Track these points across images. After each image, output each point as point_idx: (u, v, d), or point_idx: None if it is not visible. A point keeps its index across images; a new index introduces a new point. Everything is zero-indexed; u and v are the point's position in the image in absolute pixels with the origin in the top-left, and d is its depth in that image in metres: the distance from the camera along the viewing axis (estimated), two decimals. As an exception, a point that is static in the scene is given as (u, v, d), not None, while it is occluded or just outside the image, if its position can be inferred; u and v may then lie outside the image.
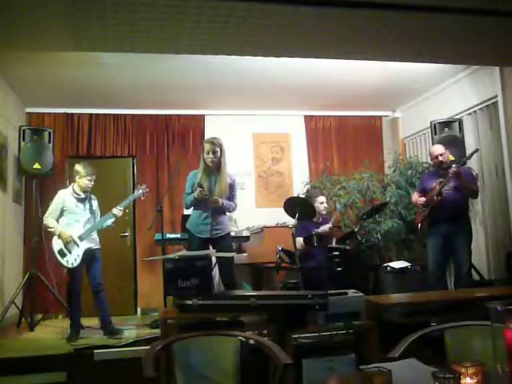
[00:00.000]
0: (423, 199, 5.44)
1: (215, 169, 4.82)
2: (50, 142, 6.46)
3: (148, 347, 2.61)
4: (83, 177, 5.17)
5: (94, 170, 5.27)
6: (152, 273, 7.00)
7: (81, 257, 5.07)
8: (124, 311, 6.66)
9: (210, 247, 4.89)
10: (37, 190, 6.42)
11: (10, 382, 3.91)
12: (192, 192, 4.85)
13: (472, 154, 5.39)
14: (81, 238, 5.10)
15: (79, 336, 4.99)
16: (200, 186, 4.76)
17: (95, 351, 4.12)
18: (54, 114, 7.29)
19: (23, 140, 6.28)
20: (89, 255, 5.14)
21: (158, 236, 5.93)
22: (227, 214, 5.07)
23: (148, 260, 6.41)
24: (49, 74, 6.00)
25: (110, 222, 5.31)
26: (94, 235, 5.26)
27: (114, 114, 7.50)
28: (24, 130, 6.34)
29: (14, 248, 6.59)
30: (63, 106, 7.20)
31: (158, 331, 4.17)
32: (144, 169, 7.54)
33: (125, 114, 7.53)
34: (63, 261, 5.04)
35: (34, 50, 5.08)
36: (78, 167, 5.23)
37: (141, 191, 5.49)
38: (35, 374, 3.99)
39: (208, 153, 4.78)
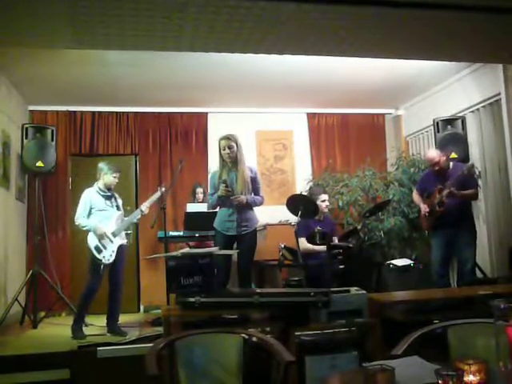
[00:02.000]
0: (427, 208, 5.42)
1: (233, 164, 4.80)
2: (52, 140, 6.47)
3: (151, 345, 2.62)
4: (108, 174, 5.19)
5: (119, 168, 5.30)
6: (155, 270, 7.02)
7: (115, 253, 5.11)
8: (127, 309, 6.66)
9: (235, 244, 4.89)
10: (40, 188, 6.43)
11: (13, 379, 3.91)
12: (215, 192, 4.84)
13: (468, 170, 5.35)
14: (114, 235, 5.13)
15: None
16: (224, 182, 4.74)
17: (98, 349, 4.13)
18: (57, 111, 7.31)
19: (26, 138, 6.30)
20: (120, 252, 5.17)
21: (160, 234, 5.94)
22: (254, 208, 5.00)
23: (151, 258, 6.42)
24: (51, 71, 6.01)
25: (136, 218, 5.38)
26: (123, 232, 5.31)
27: (116, 112, 7.50)
28: (27, 128, 6.35)
29: (17, 246, 6.60)
30: (66, 103, 7.21)
31: (160, 329, 4.17)
32: (147, 167, 7.55)
33: (127, 112, 7.54)
34: (100, 256, 5.05)
35: (36, 47, 5.09)
36: (102, 165, 5.25)
37: (163, 189, 5.59)
38: (38, 371, 4.00)
39: (224, 149, 4.77)
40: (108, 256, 5.07)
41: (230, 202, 4.79)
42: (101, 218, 5.14)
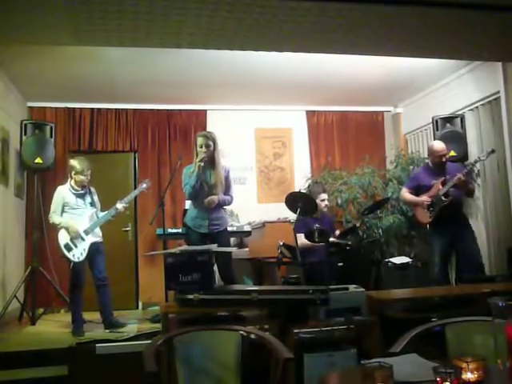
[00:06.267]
0: (428, 199, 5.39)
1: (209, 163, 4.78)
2: (51, 137, 6.47)
3: (149, 342, 2.62)
4: (79, 173, 5.18)
5: (90, 165, 5.27)
6: (153, 267, 7.01)
7: (87, 251, 5.10)
8: (125, 305, 6.67)
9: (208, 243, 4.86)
10: (38, 185, 6.43)
11: (11, 375, 3.92)
12: (189, 182, 4.79)
13: (488, 155, 5.34)
14: (86, 233, 5.13)
15: (83, 330, 5.02)
16: (201, 147, 4.71)
17: (97, 345, 4.12)
18: (56, 108, 7.30)
19: (25, 134, 6.29)
20: (93, 249, 5.17)
21: (159, 231, 5.94)
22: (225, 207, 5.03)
23: (149, 255, 6.41)
24: (50, 68, 6.00)
25: (110, 216, 5.34)
26: (97, 229, 5.29)
27: (115, 109, 7.49)
28: (26, 125, 6.35)
29: (16, 242, 6.60)
30: (65, 100, 7.20)
31: (159, 326, 4.17)
32: (145, 164, 7.54)
33: (126, 109, 7.53)
34: (69, 255, 5.06)
35: (35, 44, 5.07)
36: (73, 163, 5.23)
37: (144, 185, 5.52)
38: (36, 367, 4.00)
39: (201, 147, 4.74)
40: (78, 254, 5.08)
41: (203, 199, 4.77)
42: (73, 216, 5.16)
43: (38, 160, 6.23)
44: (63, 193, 5.20)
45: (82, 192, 5.25)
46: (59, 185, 5.37)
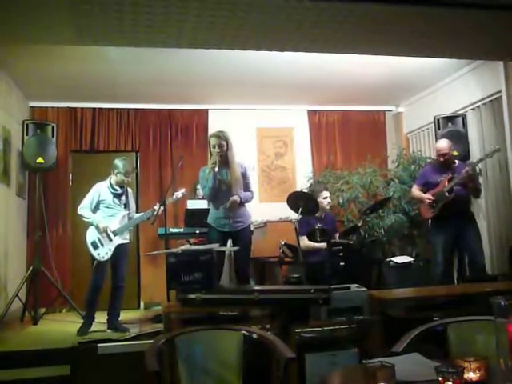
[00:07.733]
0: (431, 197, 5.38)
1: (224, 162, 4.80)
2: (53, 137, 6.47)
3: (151, 341, 2.62)
4: (121, 173, 5.16)
5: (133, 167, 5.28)
6: (155, 267, 7.02)
7: (112, 251, 5.09)
8: (127, 305, 6.66)
9: (229, 241, 4.89)
10: (40, 184, 6.43)
11: (13, 375, 3.92)
12: (207, 184, 4.81)
13: (493, 153, 5.32)
14: (115, 233, 5.12)
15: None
16: (214, 147, 4.73)
17: (99, 345, 4.12)
18: (58, 108, 7.30)
19: (27, 134, 6.29)
20: (119, 251, 5.16)
21: (161, 230, 5.94)
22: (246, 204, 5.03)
23: (151, 254, 6.42)
24: (52, 68, 6.00)
25: (145, 217, 5.37)
26: (126, 231, 5.31)
27: (117, 109, 7.50)
28: (27, 125, 6.35)
29: (18, 242, 6.60)
30: (67, 100, 7.20)
31: (161, 325, 4.17)
32: (147, 163, 7.55)
33: (128, 109, 7.53)
34: (95, 253, 5.05)
35: (37, 44, 5.08)
36: (117, 162, 5.21)
37: (180, 194, 5.55)
38: (39, 367, 4.00)
39: (214, 147, 4.76)
40: (103, 254, 5.06)
41: (223, 199, 4.80)
42: (105, 215, 5.15)
43: (40, 160, 6.23)
44: (101, 189, 5.19)
45: (120, 192, 5.23)
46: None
